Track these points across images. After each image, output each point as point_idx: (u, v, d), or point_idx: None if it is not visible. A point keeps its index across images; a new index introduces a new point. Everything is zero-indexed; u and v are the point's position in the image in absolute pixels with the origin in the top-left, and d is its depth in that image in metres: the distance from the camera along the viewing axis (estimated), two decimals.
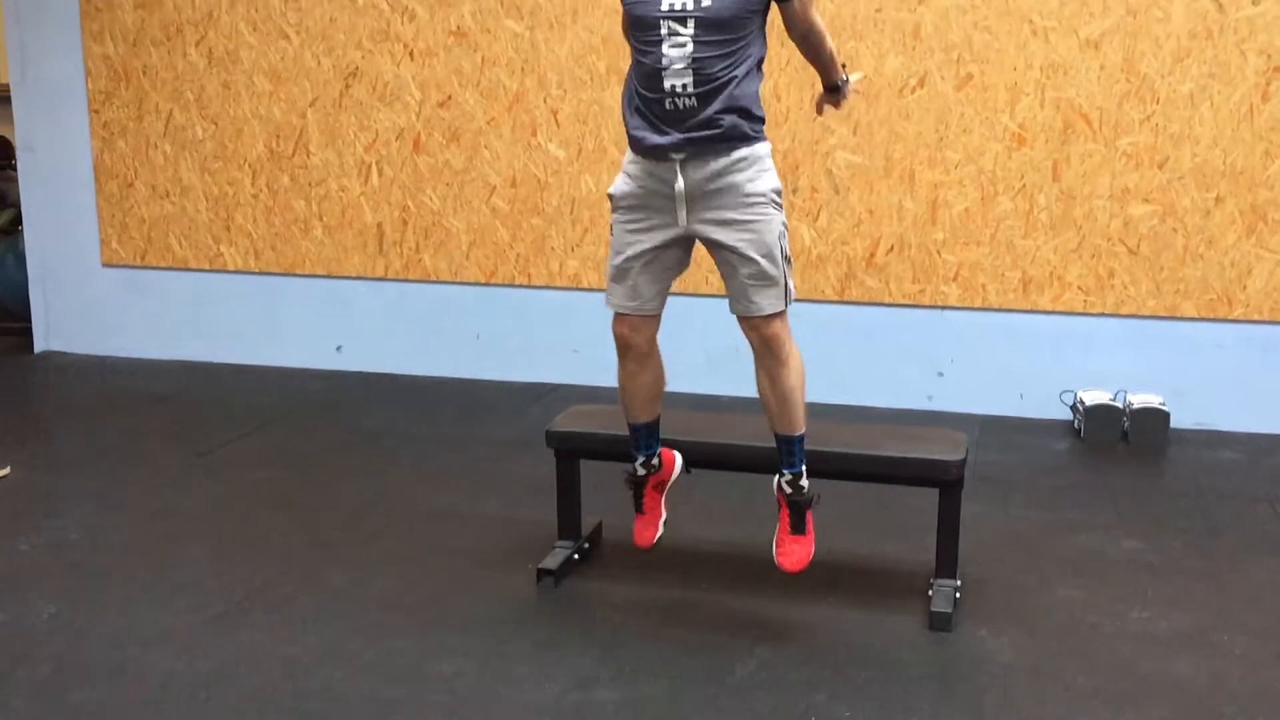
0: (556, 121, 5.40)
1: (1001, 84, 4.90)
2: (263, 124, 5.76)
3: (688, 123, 2.92)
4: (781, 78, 5.10)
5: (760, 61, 3.03)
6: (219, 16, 5.71)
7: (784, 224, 3.04)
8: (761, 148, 3.02)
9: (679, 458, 3.36)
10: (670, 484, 3.35)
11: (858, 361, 5.27)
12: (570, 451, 3.54)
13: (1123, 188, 4.86)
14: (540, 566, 3.49)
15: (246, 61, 5.72)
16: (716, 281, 5.28)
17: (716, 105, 2.91)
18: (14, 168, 6.35)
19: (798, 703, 2.82)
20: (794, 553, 3.07)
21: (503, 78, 5.42)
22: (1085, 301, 4.99)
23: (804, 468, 3.10)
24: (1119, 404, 4.82)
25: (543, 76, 5.37)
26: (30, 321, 6.33)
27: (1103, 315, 4.99)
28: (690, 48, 2.88)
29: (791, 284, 3.05)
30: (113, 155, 6.00)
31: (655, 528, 3.25)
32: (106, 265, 6.15)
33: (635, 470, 3.25)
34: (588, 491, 3.64)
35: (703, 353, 5.28)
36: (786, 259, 3.02)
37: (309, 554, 3.71)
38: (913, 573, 3.48)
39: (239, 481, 4.38)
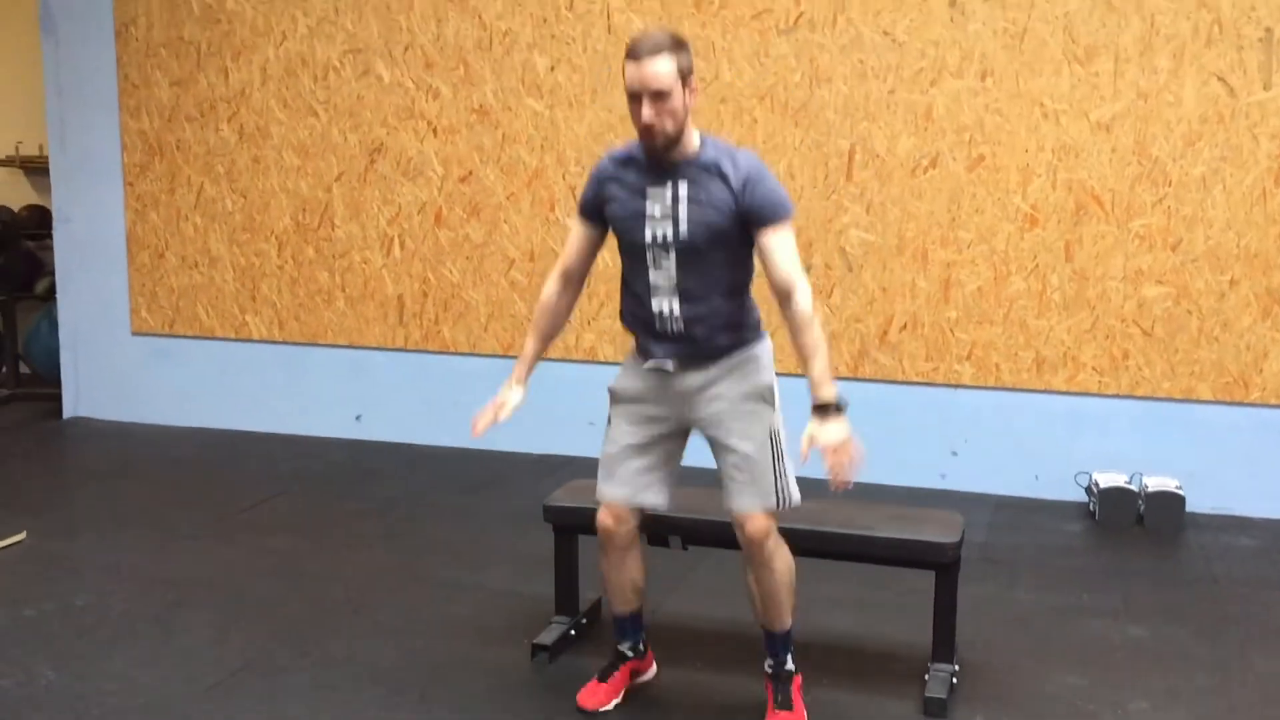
0: (574, 197, 5.47)
1: (1013, 165, 4.93)
2: (290, 197, 5.90)
3: (680, 343, 2.96)
4: (795, 157, 5.16)
5: (747, 282, 3.01)
6: (251, 94, 5.87)
7: (779, 425, 2.98)
8: (758, 348, 3.02)
9: (655, 666, 3.36)
10: (643, 679, 3.32)
11: (871, 439, 5.18)
12: (568, 527, 3.55)
13: (1136, 269, 4.86)
14: (535, 642, 3.49)
15: (276, 137, 5.87)
16: None
17: (704, 328, 2.93)
18: (52, 237, 6.52)
19: None
20: None
21: (523, 154, 5.53)
22: (1100, 382, 4.96)
23: (788, 656, 3.06)
24: (1134, 487, 4.77)
25: (562, 154, 5.47)
26: (61, 387, 6.46)
27: (1117, 397, 4.96)
28: (675, 274, 2.91)
29: (787, 486, 2.94)
30: (145, 226, 6.16)
31: (607, 701, 3.17)
32: (136, 333, 6.28)
33: (622, 649, 3.25)
34: (588, 567, 3.63)
35: None
36: (779, 458, 2.95)
37: (310, 624, 3.73)
38: (911, 656, 3.44)
39: (250, 549, 4.43)
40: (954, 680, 3.25)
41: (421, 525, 4.74)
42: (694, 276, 2.89)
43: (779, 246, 2.85)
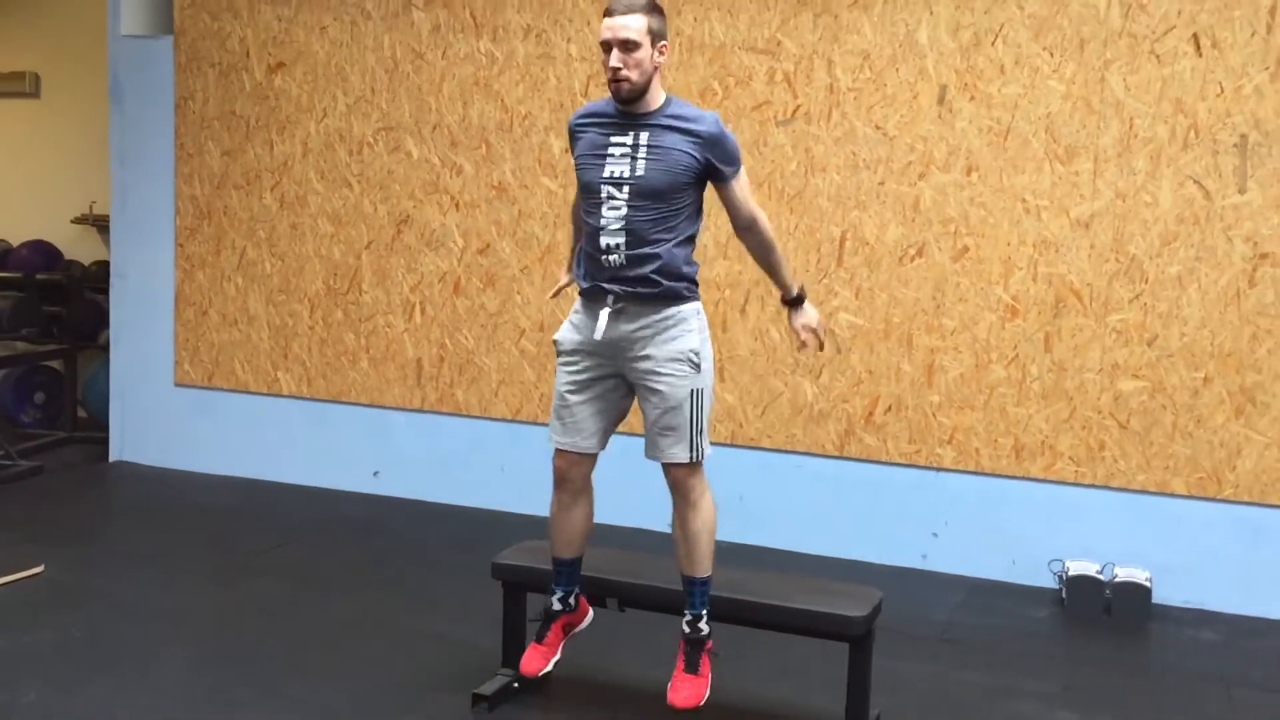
0: None
1: (996, 257, 5.10)
2: (323, 262, 6.28)
3: (620, 277, 3.26)
4: (790, 241, 5.38)
5: (693, 235, 3.35)
6: (292, 166, 6.29)
7: (702, 385, 3.28)
8: (689, 308, 3.32)
9: (592, 612, 3.59)
10: (577, 630, 3.57)
11: (855, 517, 5.41)
12: (515, 584, 3.78)
13: (1113, 363, 4.97)
14: (476, 692, 3.71)
15: (313, 206, 6.27)
16: (726, 430, 5.53)
17: (646, 267, 3.23)
18: None
19: None
20: (684, 689, 3.26)
21: (536, 230, 5.84)
22: (1076, 472, 5.06)
23: (705, 611, 3.29)
24: (1102, 576, 4.85)
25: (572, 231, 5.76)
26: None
27: (1094, 487, 5.05)
28: (625, 211, 3.23)
29: (703, 442, 3.27)
30: (192, 285, 6.59)
31: (547, 661, 3.46)
32: (179, 385, 6.69)
33: (551, 604, 3.48)
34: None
35: None
36: (697, 416, 3.25)
37: (279, 665, 4.00)
38: None
39: (247, 592, 4.73)
40: None
41: (412, 578, 4.99)
42: (643, 217, 3.21)
43: (740, 190, 3.32)
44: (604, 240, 3.26)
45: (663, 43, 3.23)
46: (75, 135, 8.01)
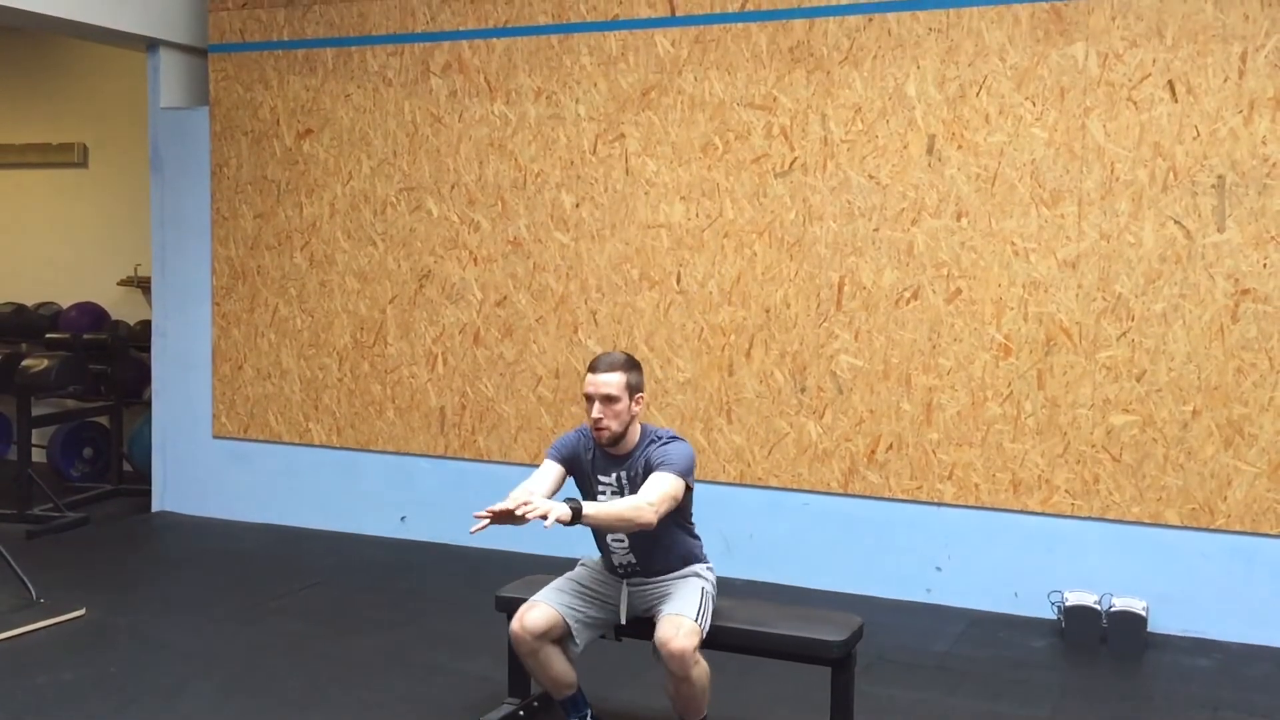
0: (595, 321, 6.01)
1: (988, 298, 5.28)
2: (350, 317, 6.58)
3: (634, 577, 3.69)
4: (791, 288, 5.60)
5: (683, 530, 3.69)
6: (321, 226, 6.61)
7: (709, 587, 3.61)
8: (699, 566, 3.69)
9: None
10: None
11: (861, 553, 5.58)
12: None
13: (1104, 398, 5.13)
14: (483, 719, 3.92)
15: (340, 264, 6.58)
16: (734, 470, 5.73)
17: (655, 562, 3.64)
18: None
19: None
20: None
21: (550, 282, 6.10)
22: (1072, 505, 5.20)
23: None
24: (1099, 606, 4.97)
25: (584, 281, 6.02)
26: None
27: (1089, 519, 5.18)
28: (627, 542, 3.63)
29: (704, 626, 3.48)
30: (228, 341, 6.91)
31: None
32: (216, 437, 6.99)
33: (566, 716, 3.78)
34: None
35: (720, 538, 5.66)
36: (702, 609, 3.50)
37: (299, 698, 4.23)
38: None
39: (273, 632, 4.97)
40: None
41: (430, 617, 5.22)
42: (642, 539, 3.55)
43: (655, 478, 3.49)
44: (615, 560, 3.70)
45: (639, 394, 3.61)
46: (120, 202, 8.41)
